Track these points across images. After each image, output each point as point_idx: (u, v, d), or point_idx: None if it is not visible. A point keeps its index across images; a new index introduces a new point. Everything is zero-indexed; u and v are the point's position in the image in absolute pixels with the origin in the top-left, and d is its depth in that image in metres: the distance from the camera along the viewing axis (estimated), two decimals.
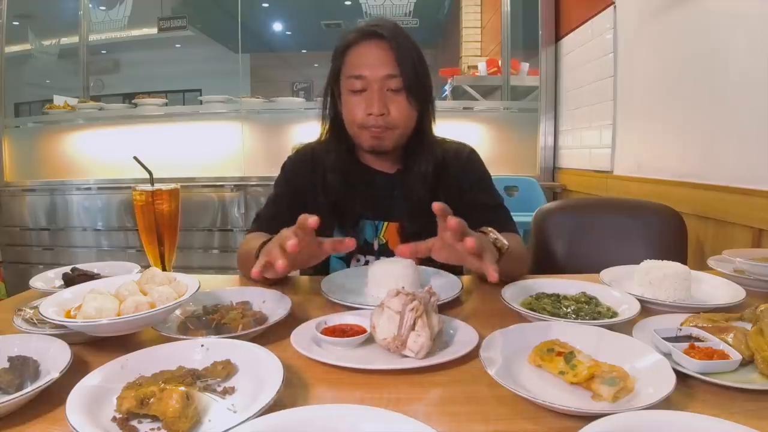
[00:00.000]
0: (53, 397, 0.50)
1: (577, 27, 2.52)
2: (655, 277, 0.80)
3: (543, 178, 2.82)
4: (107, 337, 0.65)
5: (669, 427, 0.42)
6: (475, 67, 3.33)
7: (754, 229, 1.30)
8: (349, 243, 0.71)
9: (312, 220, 0.69)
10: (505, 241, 0.83)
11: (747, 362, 0.57)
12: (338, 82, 1.07)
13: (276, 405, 0.46)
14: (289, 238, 0.67)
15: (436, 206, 0.65)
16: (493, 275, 0.63)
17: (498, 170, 1.17)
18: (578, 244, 1.40)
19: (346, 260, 1.10)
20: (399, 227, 1.08)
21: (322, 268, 1.05)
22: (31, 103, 3.63)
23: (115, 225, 2.98)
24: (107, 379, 0.51)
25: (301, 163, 1.15)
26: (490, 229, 0.85)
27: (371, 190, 1.10)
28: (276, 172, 1.17)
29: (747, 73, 1.35)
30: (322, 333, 0.65)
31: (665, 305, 0.77)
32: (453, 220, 0.64)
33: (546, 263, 1.39)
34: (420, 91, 1.03)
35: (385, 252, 1.08)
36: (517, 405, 0.50)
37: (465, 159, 1.15)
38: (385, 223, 1.09)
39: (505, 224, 1.06)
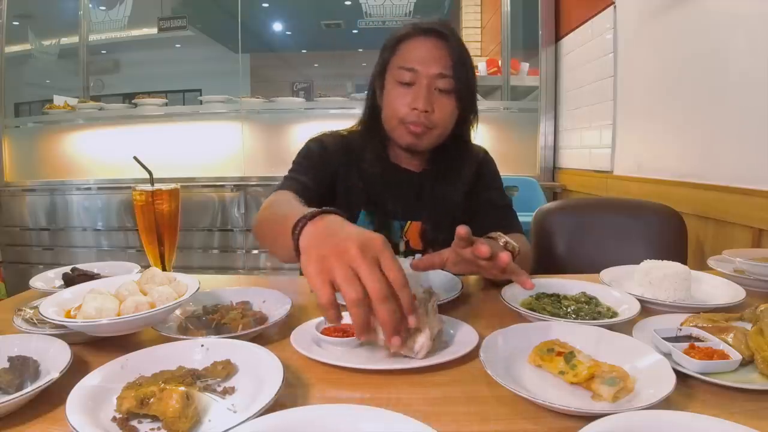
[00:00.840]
0: (53, 397, 0.50)
1: (577, 27, 2.52)
2: (655, 277, 0.80)
3: (543, 178, 2.82)
4: (107, 337, 0.65)
5: (669, 427, 0.42)
6: (475, 67, 3.33)
7: (754, 229, 1.30)
8: None
9: None
10: (516, 244, 0.83)
11: (747, 362, 0.57)
12: (383, 75, 1.04)
13: (276, 405, 0.46)
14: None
15: (462, 231, 0.65)
16: (529, 283, 0.66)
17: (498, 170, 1.19)
18: (578, 244, 1.41)
19: None
20: (422, 228, 1.07)
21: None
22: (31, 103, 3.62)
23: (115, 225, 2.98)
24: (107, 379, 0.51)
25: (335, 144, 1.10)
26: (498, 233, 0.85)
27: (398, 188, 1.09)
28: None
29: (747, 73, 1.35)
30: (322, 333, 0.65)
31: (665, 305, 0.77)
32: (485, 248, 0.64)
33: (546, 263, 1.39)
34: (467, 97, 1.01)
35: (409, 253, 1.07)
36: (517, 405, 0.50)
37: (482, 161, 1.17)
38: (408, 222, 1.07)
39: (512, 225, 1.08)
